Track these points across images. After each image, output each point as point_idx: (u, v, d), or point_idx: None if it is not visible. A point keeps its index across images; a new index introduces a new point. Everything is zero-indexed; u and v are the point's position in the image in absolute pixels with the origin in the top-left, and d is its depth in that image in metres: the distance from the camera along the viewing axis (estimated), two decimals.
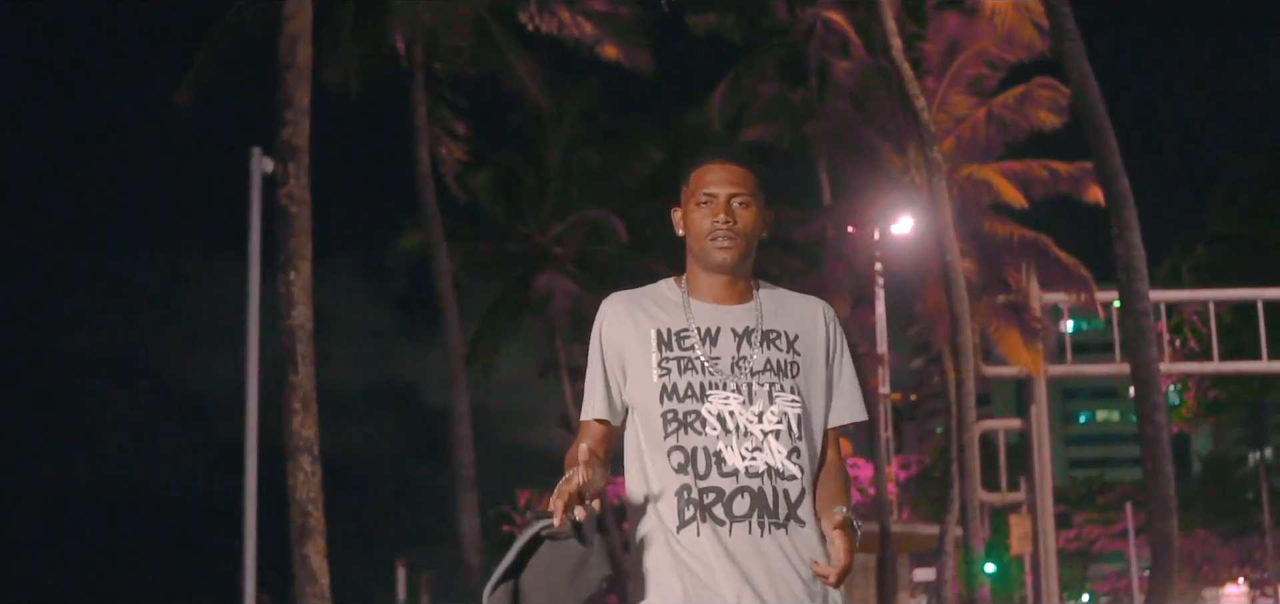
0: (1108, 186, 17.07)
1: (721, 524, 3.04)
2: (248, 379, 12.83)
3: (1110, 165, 16.85)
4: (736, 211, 3.18)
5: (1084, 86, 17.06)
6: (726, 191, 3.18)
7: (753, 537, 3.05)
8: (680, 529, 3.07)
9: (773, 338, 3.21)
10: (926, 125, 22.91)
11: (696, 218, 3.20)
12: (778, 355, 3.20)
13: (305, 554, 12.04)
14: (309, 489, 12.13)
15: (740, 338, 3.19)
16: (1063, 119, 26.47)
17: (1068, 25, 17.44)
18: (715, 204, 3.17)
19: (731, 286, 3.24)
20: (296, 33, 12.79)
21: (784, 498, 3.09)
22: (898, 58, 22.92)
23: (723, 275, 3.22)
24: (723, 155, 3.24)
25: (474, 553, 22.41)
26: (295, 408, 12.33)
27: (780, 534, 3.07)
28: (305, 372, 12.39)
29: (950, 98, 27.26)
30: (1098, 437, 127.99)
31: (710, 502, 3.06)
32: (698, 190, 3.21)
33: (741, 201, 3.18)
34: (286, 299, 12.62)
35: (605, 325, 3.26)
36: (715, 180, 3.19)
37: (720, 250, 3.17)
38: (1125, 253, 16.51)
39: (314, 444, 12.35)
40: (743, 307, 3.24)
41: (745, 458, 3.08)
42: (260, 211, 13.34)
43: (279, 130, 12.75)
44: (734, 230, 3.17)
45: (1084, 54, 17.23)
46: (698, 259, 3.23)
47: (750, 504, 3.06)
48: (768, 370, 3.17)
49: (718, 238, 3.17)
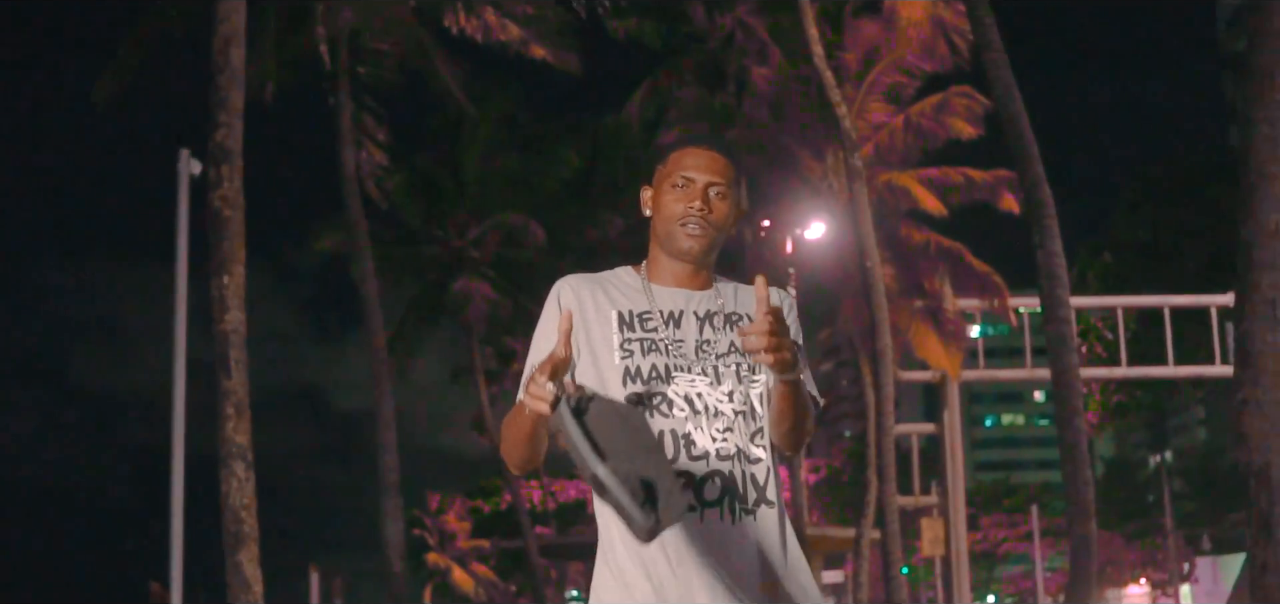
0: (1029, 195, 17.32)
1: (692, 510, 2.91)
2: (175, 384, 12.69)
3: (1032, 174, 17.10)
4: (712, 201, 3.06)
5: (1007, 97, 17.30)
6: (705, 179, 3.06)
7: (724, 524, 2.93)
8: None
9: (737, 321, 3.10)
10: (847, 132, 23.13)
11: (669, 200, 3.08)
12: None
13: (239, 561, 11.91)
14: (242, 496, 12.00)
15: (703, 321, 3.08)
16: (979, 128, 26.91)
17: (991, 37, 17.68)
18: (691, 190, 3.05)
19: (694, 275, 3.12)
20: (230, 34, 12.68)
21: (752, 482, 2.99)
22: (819, 64, 23.10)
23: (687, 263, 3.10)
24: (705, 142, 3.14)
25: (397, 558, 22.26)
26: (228, 413, 12.20)
27: (749, 521, 2.96)
28: (239, 376, 12.27)
29: (868, 106, 27.58)
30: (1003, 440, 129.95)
31: (681, 487, 2.88)
32: (675, 173, 3.09)
33: (718, 192, 3.07)
34: (219, 303, 12.49)
35: (562, 301, 3.09)
36: (694, 166, 3.07)
37: (689, 237, 3.05)
38: (1046, 261, 16.77)
39: (247, 450, 12.23)
40: (704, 293, 3.13)
41: (716, 439, 2.97)
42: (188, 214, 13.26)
43: (212, 133, 12.63)
44: (707, 219, 3.05)
45: (1007, 65, 17.48)
46: (663, 243, 3.10)
47: (722, 489, 2.95)
48: (733, 352, 3.06)
49: (689, 224, 3.05)
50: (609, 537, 3.00)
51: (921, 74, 27.42)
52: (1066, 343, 16.54)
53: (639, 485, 2.63)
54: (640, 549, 2.92)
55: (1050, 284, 16.67)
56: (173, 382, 12.74)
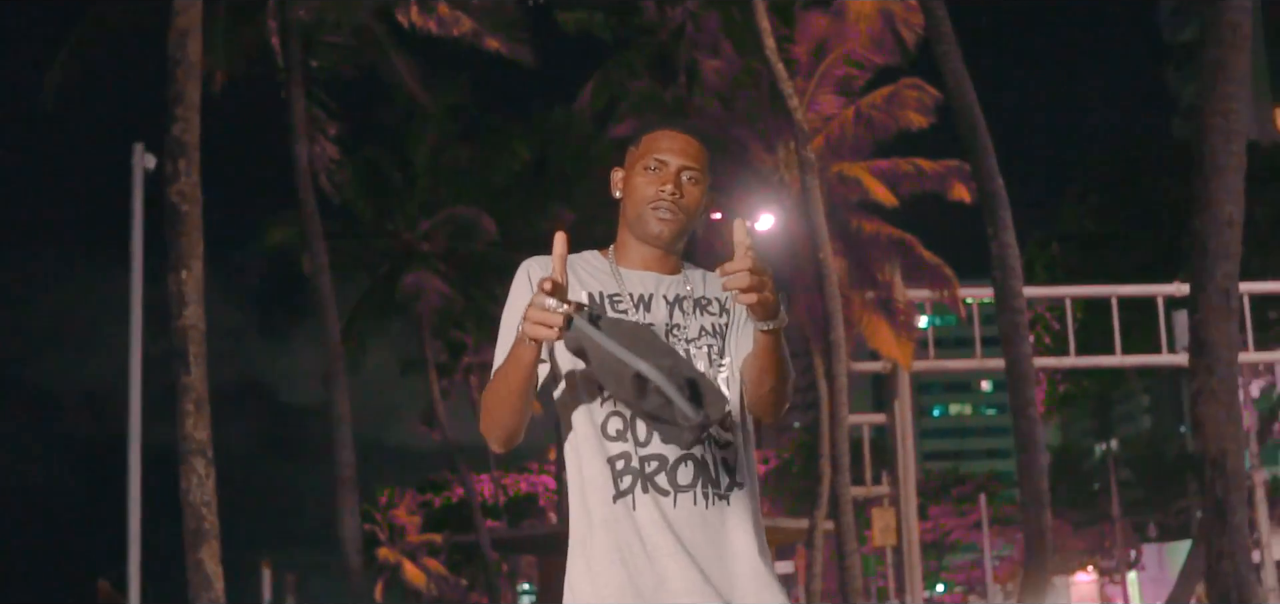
0: (983, 186, 17.45)
1: (665, 494, 2.87)
2: (131, 380, 12.62)
3: (985, 166, 17.23)
4: (685, 185, 3.01)
5: (960, 88, 17.41)
6: (678, 162, 3.00)
7: (697, 509, 2.88)
8: (616, 500, 2.89)
9: (705, 304, 3.06)
10: (799, 124, 23.20)
11: (640, 183, 3.01)
12: (712, 320, 3.05)
13: (200, 558, 11.80)
14: (203, 492, 11.91)
15: (672, 305, 3.03)
16: (929, 119, 27.08)
17: (944, 28, 17.78)
18: (664, 173, 2.99)
19: (663, 260, 3.07)
20: (186, 27, 12.57)
21: (723, 465, 2.93)
22: (771, 56, 23.13)
23: (656, 247, 3.05)
24: (680, 125, 3.09)
25: (354, 554, 22.14)
26: (188, 409, 12.10)
27: (723, 505, 2.91)
28: (198, 372, 12.18)
29: (819, 98, 27.68)
30: (951, 430, 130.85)
31: (652, 470, 2.89)
32: (648, 154, 3.03)
33: (691, 177, 3.02)
34: (178, 299, 12.40)
35: (532, 277, 3.00)
36: (668, 148, 3.02)
37: (659, 221, 3.00)
38: (1000, 251, 16.90)
39: (207, 446, 12.14)
40: (674, 278, 3.07)
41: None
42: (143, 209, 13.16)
43: (169, 127, 12.53)
44: (678, 203, 2.99)
45: (960, 57, 17.59)
46: (632, 226, 3.05)
47: (695, 473, 2.89)
48: (703, 336, 3.01)
49: (660, 208, 2.99)
50: (587, 522, 2.93)
51: (871, 66, 27.55)
52: (1020, 333, 16.69)
53: (685, 382, 2.65)
54: (618, 533, 2.88)
55: (1004, 274, 16.80)
56: (129, 377, 12.66)
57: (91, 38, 20.18)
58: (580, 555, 2.94)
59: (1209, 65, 10.65)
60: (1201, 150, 10.62)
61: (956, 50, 17.63)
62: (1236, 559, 9.82)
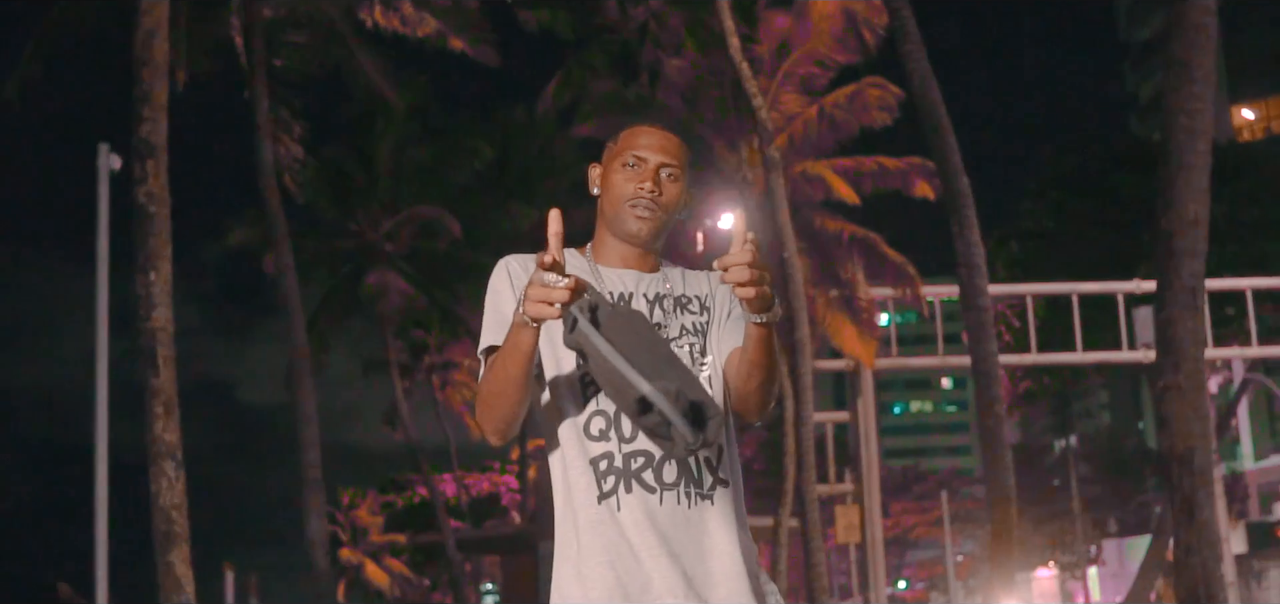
0: (948, 184, 17.54)
1: (651, 492, 2.84)
2: (98, 383, 12.52)
3: (950, 164, 17.33)
4: (664, 183, 2.97)
5: (925, 88, 17.52)
6: (657, 159, 2.97)
7: (681, 508, 2.85)
8: (601, 501, 2.86)
9: (685, 303, 3.04)
10: (763, 123, 23.25)
11: (618, 180, 2.98)
12: (692, 319, 3.02)
13: (170, 562, 11.73)
14: (173, 495, 11.83)
15: (653, 305, 2.99)
16: (893, 117, 27.20)
17: (910, 28, 17.89)
18: (643, 170, 2.96)
19: (642, 258, 3.04)
20: (153, 27, 12.48)
21: (707, 465, 2.90)
22: (736, 56, 23.17)
23: (635, 245, 3.02)
24: (658, 121, 3.04)
25: (321, 555, 22.03)
26: (158, 412, 12.01)
27: (706, 504, 2.88)
28: (167, 375, 12.10)
29: (782, 97, 27.76)
30: (912, 427, 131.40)
31: (638, 467, 2.86)
32: (626, 151, 2.99)
33: (670, 174, 2.98)
34: (146, 301, 12.31)
35: (512, 277, 2.98)
36: (647, 145, 2.98)
37: (638, 219, 2.97)
38: (965, 250, 17.00)
39: (177, 448, 12.05)
40: (653, 276, 3.05)
41: None
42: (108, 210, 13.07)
43: (136, 127, 12.44)
44: (657, 201, 2.96)
45: (925, 56, 17.69)
46: (610, 224, 3.02)
47: (678, 472, 2.86)
48: (685, 335, 2.99)
49: (639, 206, 2.96)
50: (573, 526, 2.90)
51: (834, 64, 27.64)
52: (986, 331, 16.79)
53: (687, 404, 2.62)
54: (605, 535, 2.85)
55: (969, 273, 16.90)
56: (94, 379, 12.58)
57: (55, 36, 20.02)
58: (567, 559, 2.90)
59: (1174, 66, 10.73)
60: (1167, 150, 10.71)
61: (922, 49, 17.74)
62: (1204, 554, 9.93)
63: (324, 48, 25.33)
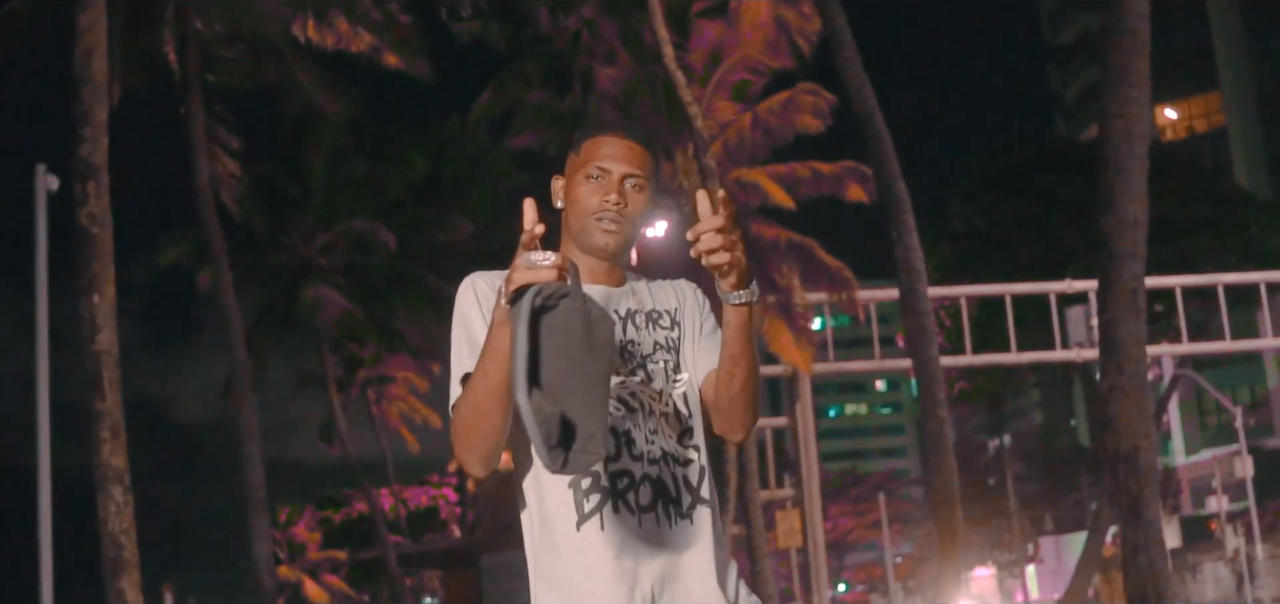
0: (885, 190, 17.67)
1: (633, 513, 2.74)
2: (39, 407, 12.35)
3: (887, 171, 17.45)
4: (629, 193, 2.84)
5: (862, 96, 17.62)
6: (621, 169, 2.84)
7: (661, 529, 2.75)
8: (582, 525, 2.74)
9: (657, 319, 2.94)
10: (699, 132, 23.31)
11: (583, 192, 2.85)
12: (665, 334, 2.92)
13: (121, 588, 11.56)
14: (122, 520, 11.67)
15: (625, 321, 2.89)
16: (826, 123, 27.37)
17: (844, 37, 17.98)
18: (607, 181, 2.83)
19: (610, 272, 2.92)
20: (92, 46, 12.32)
21: (685, 484, 2.81)
22: (670, 65, 23.21)
23: (602, 259, 2.89)
24: (623, 129, 2.89)
25: (268, 575, 21.78)
26: (104, 437, 11.85)
27: (685, 523, 2.78)
28: (113, 398, 11.92)
29: (716, 104, 27.84)
30: (848, 430, 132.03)
31: (623, 488, 2.75)
32: (589, 162, 2.86)
33: (635, 184, 2.85)
34: (90, 324, 12.13)
35: (479, 296, 2.82)
36: (611, 155, 2.85)
37: (604, 233, 2.84)
38: (904, 255, 17.13)
39: (125, 473, 11.88)
40: (620, 290, 2.93)
41: (650, 440, 2.78)
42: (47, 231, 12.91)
43: (76, 147, 12.28)
44: (623, 213, 2.83)
45: (860, 63, 17.79)
46: (576, 237, 2.88)
47: (653, 494, 2.76)
48: (658, 350, 2.89)
49: (604, 219, 2.83)
50: (552, 553, 2.78)
51: (767, 71, 27.77)
52: (927, 335, 16.93)
53: (556, 427, 2.41)
54: (587, 561, 2.73)
55: (910, 278, 17.02)
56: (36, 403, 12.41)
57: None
58: (548, 584, 2.79)
59: (1110, 70, 10.87)
60: (1104, 154, 10.85)
61: (857, 57, 17.84)
62: (1151, 552, 10.06)
63: (258, 63, 25.12)
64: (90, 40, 12.34)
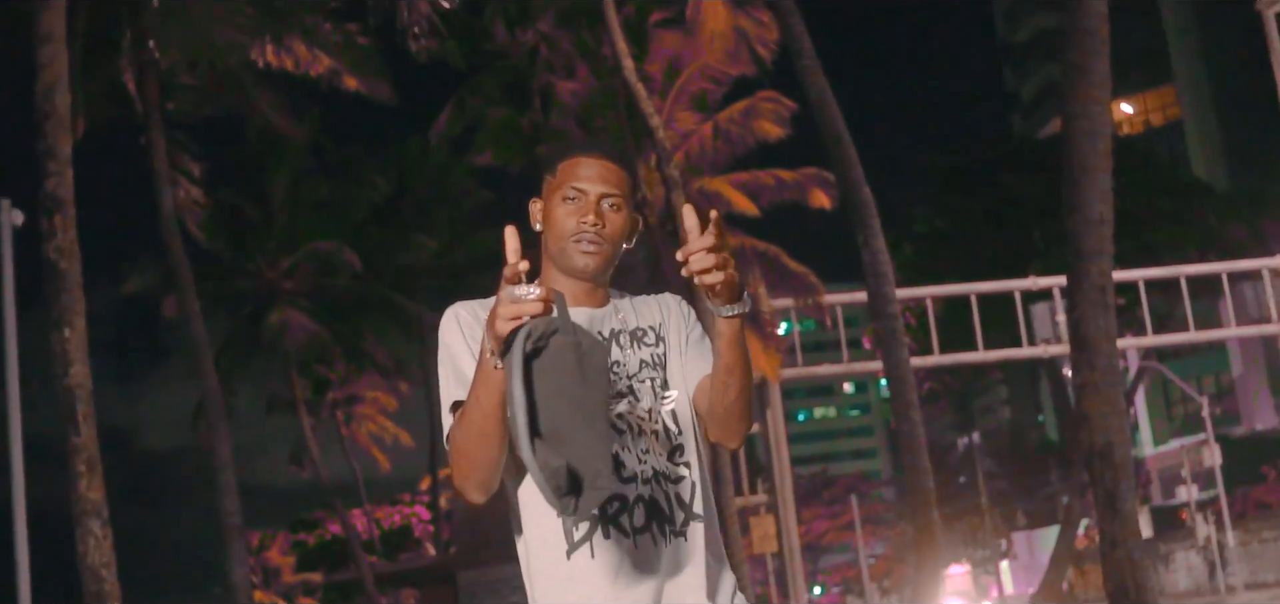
0: (849, 195, 17.75)
1: (626, 536, 2.69)
2: (12, 445, 12.30)
3: (851, 176, 17.54)
4: (606, 214, 2.80)
5: (823, 103, 17.69)
6: (598, 190, 2.80)
7: (657, 549, 2.70)
8: (572, 554, 2.71)
9: (641, 337, 2.89)
10: (661, 143, 23.33)
11: (560, 215, 2.81)
12: (650, 352, 2.88)
13: None
14: (101, 554, 11.62)
15: (610, 341, 2.85)
16: (787, 130, 27.46)
17: (804, 45, 18.03)
18: (583, 203, 2.80)
19: (592, 293, 2.88)
20: (53, 80, 12.28)
21: (678, 502, 2.76)
22: (630, 77, 23.20)
23: (583, 281, 2.85)
24: (597, 150, 2.85)
25: (245, 602, 21.70)
26: (81, 471, 11.79)
27: (680, 541, 2.74)
28: (88, 432, 11.87)
29: (676, 115, 27.88)
30: (817, 434, 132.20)
31: (614, 512, 2.70)
32: (565, 184, 2.81)
33: (613, 203, 2.81)
34: (62, 358, 12.08)
35: (463, 326, 2.79)
36: (587, 176, 2.80)
37: (584, 255, 2.79)
38: (872, 259, 17.22)
39: (103, 506, 11.83)
40: (604, 310, 2.89)
41: (641, 460, 2.74)
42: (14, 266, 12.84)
43: (42, 181, 12.23)
44: (602, 234, 2.79)
45: (821, 71, 17.85)
46: (556, 260, 2.84)
47: (647, 515, 2.72)
48: (644, 369, 2.85)
49: (583, 241, 2.79)
50: (544, 583, 2.76)
51: (727, 79, 27.84)
52: (896, 338, 17.02)
53: (563, 477, 2.40)
54: (579, 589, 2.71)
55: (877, 281, 17.11)
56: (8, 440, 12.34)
57: None
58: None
59: (1069, 71, 10.98)
60: (1068, 153, 10.95)
61: (817, 65, 17.90)
62: (1129, 545, 10.17)
63: (218, 90, 25.05)
64: (51, 75, 12.28)
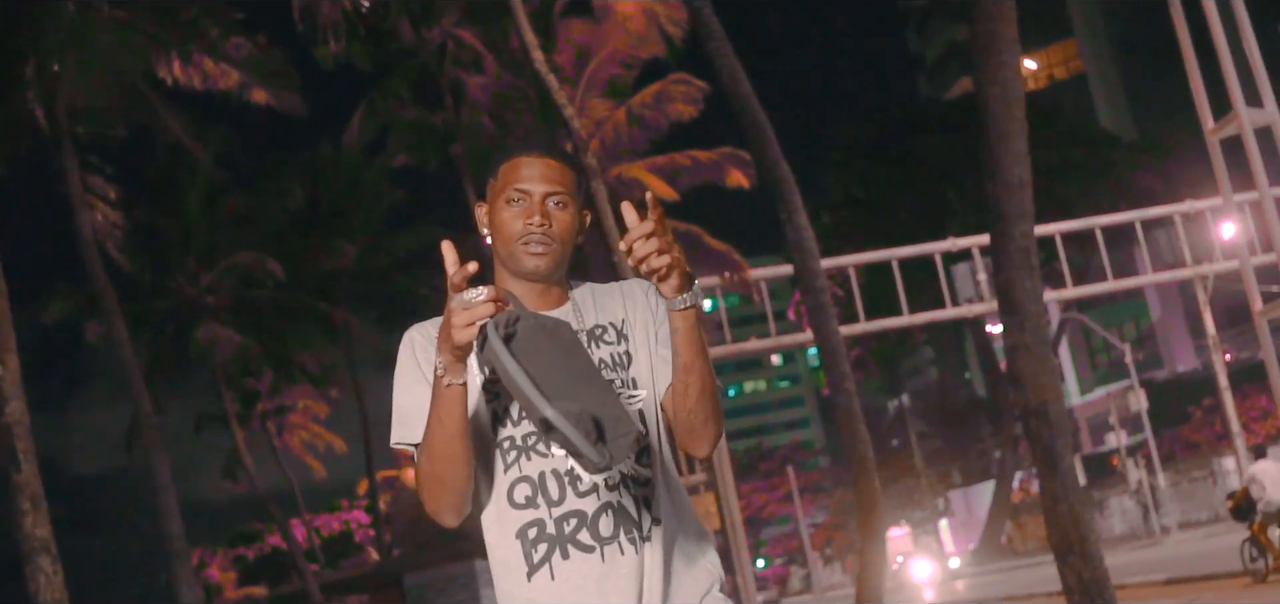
0: (768, 173, 17.79)
1: (590, 551, 2.65)
2: None
3: (769, 155, 17.57)
4: (552, 213, 2.74)
5: (736, 84, 17.66)
6: (542, 190, 2.73)
7: (625, 557, 2.66)
8: (532, 576, 2.69)
9: (599, 335, 2.81)
10: (577, 132, 23.29)
11: (506, 218, 2.74)
12: (610, 350, 2.79)
13: None
14: (52, 590, 11.52)
15: None
16: (699, 109, 27.53)
17: (713, 26, 17.99)
18: (528, 203, 2.73)
19: (546, 294, 2.80)
20: None
21: (645, 505, 2.70)
22: (540, 68, 23.11)
23: (536, 282, 2.78)
24: (538, 149, 2.78)
25: None
26: (25, 508, 11.66)
27: (648, 546, 2.69)
28: (30, 468, 11.74)
29: (588, 103, 27.88)
30: (748, 407, 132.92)
31: (572, 530, 2.66)
32: (508, 186, 2.75)
33: (558, 201, 2.74)
34: None
35: (417, 349, 2.76)
36: (529, 177, 2.74)
37: (533, 256, 2.73)
38: (795, 235, 17.30)
39: (51, 542, 11.73)
40: (561, 311, 2.80)
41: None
42: None
43: None
44: (549, 233, 2.72)
45: (732, 52, 17.84)
46: (506, 263, 2.78)
47: (615, 522, 2.66)
48: (604, 369, 2.74)
49: (530, 242, 2.72)
50: (505, 590, 2.75)
51: (638, 64, 27.87)
52: (825, 311, 17.12)
53: (590, 424, 2.39)
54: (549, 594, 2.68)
55: (803, 256, 17.19)
56: None
57: None
58: None
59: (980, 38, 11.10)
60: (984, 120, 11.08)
61: (727, 45, 17.87)
62: (1070, 499, 10.38)
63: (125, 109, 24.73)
64: None
